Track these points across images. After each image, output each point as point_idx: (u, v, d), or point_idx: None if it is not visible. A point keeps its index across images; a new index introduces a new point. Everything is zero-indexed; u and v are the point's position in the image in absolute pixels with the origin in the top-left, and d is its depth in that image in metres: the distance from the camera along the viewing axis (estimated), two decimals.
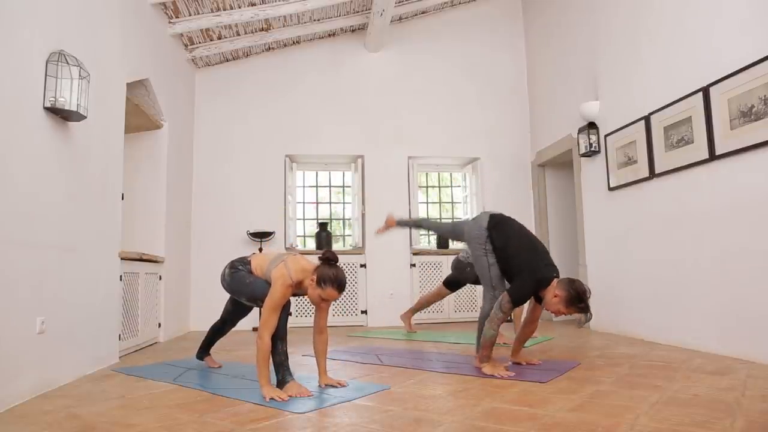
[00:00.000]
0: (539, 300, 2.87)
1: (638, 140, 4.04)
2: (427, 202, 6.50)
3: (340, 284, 2.34)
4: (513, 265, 2.83)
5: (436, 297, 4.65)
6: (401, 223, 3.63)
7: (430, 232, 3.53)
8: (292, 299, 2.82)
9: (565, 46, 5.34)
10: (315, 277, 2.35)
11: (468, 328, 5.12)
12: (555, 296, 2.66)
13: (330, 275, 2.33)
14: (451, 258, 4.83)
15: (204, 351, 3.15)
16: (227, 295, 2.99)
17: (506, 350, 3.45)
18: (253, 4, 4.80)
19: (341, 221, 6.57)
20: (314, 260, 2.48)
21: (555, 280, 2.73)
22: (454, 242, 5.22)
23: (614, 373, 2.70)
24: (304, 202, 6.27)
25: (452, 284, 4.50)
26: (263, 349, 2.29)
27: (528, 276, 2.73)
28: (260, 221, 5.60)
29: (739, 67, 3.07)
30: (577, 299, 2.62)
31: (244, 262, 2.70)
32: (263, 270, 2.59)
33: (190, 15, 4.66)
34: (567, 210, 5.86)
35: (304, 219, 6.26)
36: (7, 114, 2.23)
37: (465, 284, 4.49)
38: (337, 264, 2.41)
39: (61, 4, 2.69)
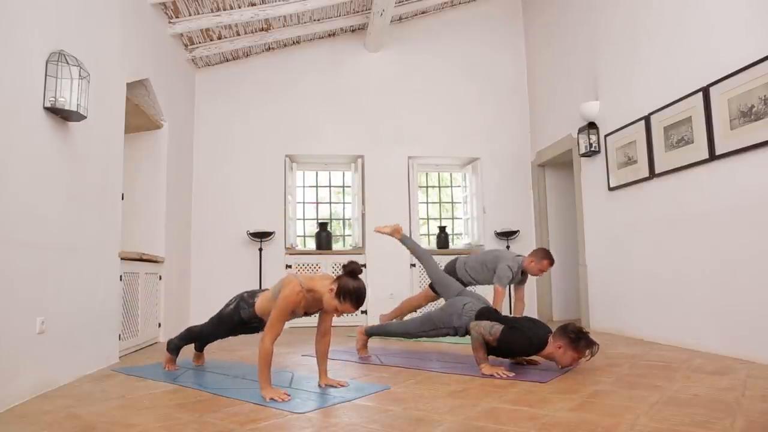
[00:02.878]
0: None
1: (638, 140, 4.04)
2: (427, 202, 6.51)
3: (359, 300, 2.27)
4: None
5: (423, 300, 4.39)
6: (405, 240, 3.72)
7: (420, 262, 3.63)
8: None
9: (565, 46, 5.34)
10: (335, 288, 2.28)
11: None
12: (559, 348, 2.65)
13: (351, 289, 2.26)
14: (450, 258, 4.79)
15: (197, 346, 3.12)
16: (228, 295, 2.98)
17: None
18: (253, 4, 4.80)
19: (341, 221, 6.57)
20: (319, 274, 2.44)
21: (549, 336, 2.72)
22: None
23: (614, 373, 2.70)
24: (304, 202, 6.28)
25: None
26: (264, 354, 2.24)
27: (528, 335, 2.71)
28: (260, 221, 5.60)
29: (739, 67, 3.07)
30: (577, 339, 2.60)
31: (248, 303, 2.64)
32: (273, 292, 2.49)
33: (190, 15, 4.66)
34: (567, 210, 5.86)
35: (304, 219, 6.26)
36: (7, 114, 2.23)
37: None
38: (359, 277, 2.33)
39: (61, 4, 2.69)
